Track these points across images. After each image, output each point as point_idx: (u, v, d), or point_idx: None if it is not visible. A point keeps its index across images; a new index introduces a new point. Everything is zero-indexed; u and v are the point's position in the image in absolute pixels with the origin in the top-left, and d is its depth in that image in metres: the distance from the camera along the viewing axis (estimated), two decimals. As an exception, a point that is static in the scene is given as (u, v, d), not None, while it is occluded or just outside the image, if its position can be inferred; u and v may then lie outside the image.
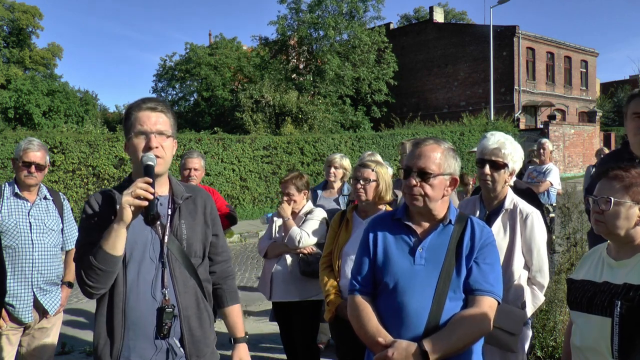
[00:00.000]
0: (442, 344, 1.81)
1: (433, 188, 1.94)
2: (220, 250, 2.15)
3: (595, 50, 33.61)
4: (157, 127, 1.91)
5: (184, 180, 4.32)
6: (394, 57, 28.87)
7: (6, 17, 33.73)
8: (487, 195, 2.76)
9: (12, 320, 3.10)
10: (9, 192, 3.18)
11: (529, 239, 2.62)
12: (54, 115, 23.21)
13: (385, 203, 3.19)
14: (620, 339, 1.75)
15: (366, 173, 3.14)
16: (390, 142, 18.25)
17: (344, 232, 3.15)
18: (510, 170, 2.68)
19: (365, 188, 3.11)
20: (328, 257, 3.19)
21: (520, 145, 2.83)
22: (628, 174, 1.86)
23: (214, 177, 14.51)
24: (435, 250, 1.96)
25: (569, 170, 25.28)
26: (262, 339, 5.25)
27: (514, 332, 2.45)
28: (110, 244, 1.76)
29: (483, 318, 1.87)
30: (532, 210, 2.66)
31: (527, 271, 2.67)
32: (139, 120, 1.90)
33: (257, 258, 9.71)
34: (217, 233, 2.14)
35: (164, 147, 1.93)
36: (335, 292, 3.03)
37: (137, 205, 1.73)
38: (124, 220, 1.74)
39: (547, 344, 4.03)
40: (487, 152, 2.70)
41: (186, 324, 1.94)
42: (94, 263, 1.77)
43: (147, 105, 1.93)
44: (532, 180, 6.91)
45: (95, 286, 1.81)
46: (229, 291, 2.18)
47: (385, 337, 1.88)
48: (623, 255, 1.89)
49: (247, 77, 29.26)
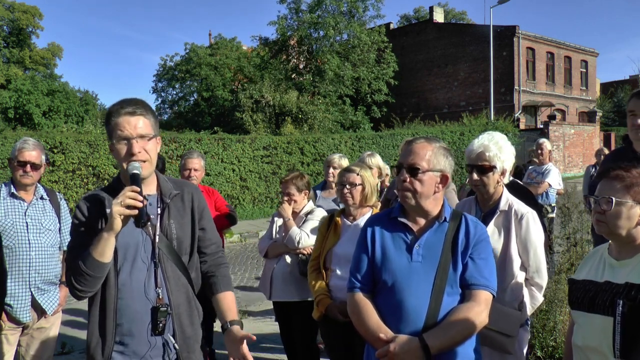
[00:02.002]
0: (443, 338, 1.87)
1: (422, 184, 2.00)
2: (209, 242, 2.16)
3: (595, 50, 33.62)
4: (138, 132, 1.92)
5: (183, 181, 4.31)
6: (394, 57, 28.87)
7: (6, 17, 33.76)
8: (481, 197, 2.76)
9: (10, 320, 3.10)
10: (6, 193, 3.18)
11: (524, 239, 2.60)
12: (54, 115, 23.19)
13: (372, 206, 3.25)
14: (622, 338, 1.74)
15: (352, 178, 3.19)
16: (390, 142, 18.24)
17: (333, 234, 3.19)
18: (500, 170, 2.65)
19: (352, 192, 3.17)
20: (316, 260, 3.23)
21: (509, 142, 2.82)
22: (629, 173, 1.86)
23: (214, 177, 14.51)
24: (432, 247, 2.01)
25: (569, 170, 25.28)
26: (262, 339, 5.24)
27: (510, 334, 2.44)
28: (99, 252, 1.80)
29: (480, 311, 1.93)
30: (528, 211, 2.64)
31: (524, 272, 2.65)
32: (119, 126, 1.91)
33: (257, 258, 9.70)
34: (205, 226, 2.14)
35: (148, 150, 1.94)
36: (324, 293, 3.08)
37: (127, 214, 1.77)
38: (113, 230, 1.78)
39: (547, 344, 4.02)
40: (472, 157, 2.69)
41: (178, 321, 1.98)
42: (83, 269, 1.82)
43: (126, 109, 1.93)
44: (531, 180, 6.91)
45: (84, 289, 1.87)
46: (223, 277, 2.17)
47: (386, 333, 1.92)
48: (624, 254, 1.89)
49: (247, 77, 29.26)
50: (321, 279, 3.15)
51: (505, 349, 2.46)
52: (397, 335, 1.90)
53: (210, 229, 2.18)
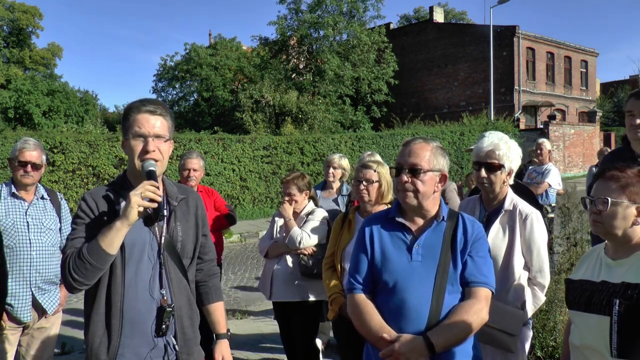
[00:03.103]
0: (446, 335, 1.89)
1: (424, 184, 2.03)
2: (207, 250, 2.21)
3: (595, 50, 33.62)
4: (155, 131, 1.93)
5: (183, 181, 4.32)
6: (394, 57, 28.87)
7: (6, 17, 33.76)
8: (486, 196, 2.76)
9: (11, 320, 3.10)
10: (6, 192, 3.19)
11: (528, 239, 2.61)
12: (54, 115, 23.22)
13: (388, 203, 3.18)
14: (619, 338, 1.75)
15: (368, 174, 3.13)
16: (390, 142, 18.25)
17: (347, 232, 3.16)
18: (507, 170, 2.66)
19: (368, 189, 3.11)
20: (331, 257, 3.20)
21: (517, 143, 2.82)
22: (624, 174, 1.87)
23: (214, 177, 14.51)
24: (431, 246, 2.03)
25: (569, 170, 25.28)
26: (262, 339, 5.25)
27: (513, 333, 2.46)
28: (108, 241, 1.78)
29: (481, 308, 1.96)
30: (532, 211, 2.65)
31: (527, 271, 2.66)
32: (138, 123, 1.92)
33: (257, 258, 9.71)
34: (206, 233, 2.19)
35: (161, 151, 1.95)
36: (339, 292, 3.05)
37: (146, 206, 1.78)
38: (128, 220, 1.78)
39: (547, 344, 4.03)
40: (481, 155, 2.69)
41: (179, 323, 1.99)
42: (85, 256, 1.78)
43: (147, 107, 1.94)
44: (531, 180, 6.92)
45: (80, 280, 1.81)
46: (214, 288, 2.24)
47: (389, 333, 1.93)
48: (621, 254, 1.90)
49: (247, 77, 29.26)
50: (335, 277, 3.11)
51: (508, 348, 2.48)
52: (400, 334, 1.90)
53: (209, 237, 2.23)
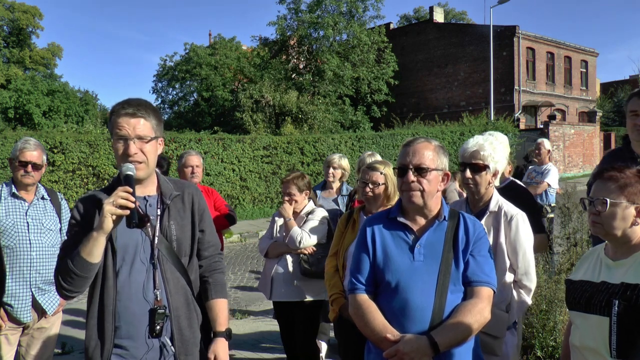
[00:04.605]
0: (450, 335, 1.89)
1: (430, 183, 2.04)
2: (207, 245, 2.17)
3: (595, 50, 33.61)
4: (137, 132, 1.92)
5: (185, 179, 4.33)
6: (394, 57, 28.87)
7: (6, 17, 33.76)
8: (472, 197, 2.75)
9: (11, 320, 3.10)
10: (7, 193, 3.19)
11: (514, 240, 2.58)
12: (54, 115, 23.20)
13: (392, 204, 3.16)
14: (618, 338, 1.75)
15: (375, 176, 3.10)
16: (390, 142, 18.25)
17: (350, 232, 3.14)
18: (492, 171, 2.65)
19: (374, 191, 3.09)
20: (334, 257, 3.19)
21: (506, 144, 2.81)
22: (622, 174, 1.87)
23: (214, 177, 14.52)
24: (433, 246, 2.03)
25: (569, 170, 25.28)
26: (262, 339, 5.25)
27: (497, 335, 2.42)
28: (87, 251, 1.78)
29: (484, 307, 1.97)
30: (517, 212, 2.62)
31: (512, 274, 2.62)
32: (118, 125, 1.91)
33: (257, 258, 9.71)
34: (204, 228, 2.15)
35: (145, 152, 1.94)
36: (340, 292, 3.03)
37: (118, 214, 1.76)
38: (103, 229, 1.77)
39: (547, 344, 4.02)
40: (466, 156, 2.69)
41: (176, 324, 1.97)
42: (70, 267, 1.80)
43: (126, 110, 1.93)
44: (530, 180, 6.92)
45: (70, 289, 1.84)
46: (215, 284, 2.18)
47: (393, 333, 1.92)
48: (620, 255, 1.90)
49: (247, 77, 29.27)
50: (337, 277, 3.09)
51: (492, 351, 2.42)
52: (404, 334, 1.90)
53: (210, 231, 2.18)
